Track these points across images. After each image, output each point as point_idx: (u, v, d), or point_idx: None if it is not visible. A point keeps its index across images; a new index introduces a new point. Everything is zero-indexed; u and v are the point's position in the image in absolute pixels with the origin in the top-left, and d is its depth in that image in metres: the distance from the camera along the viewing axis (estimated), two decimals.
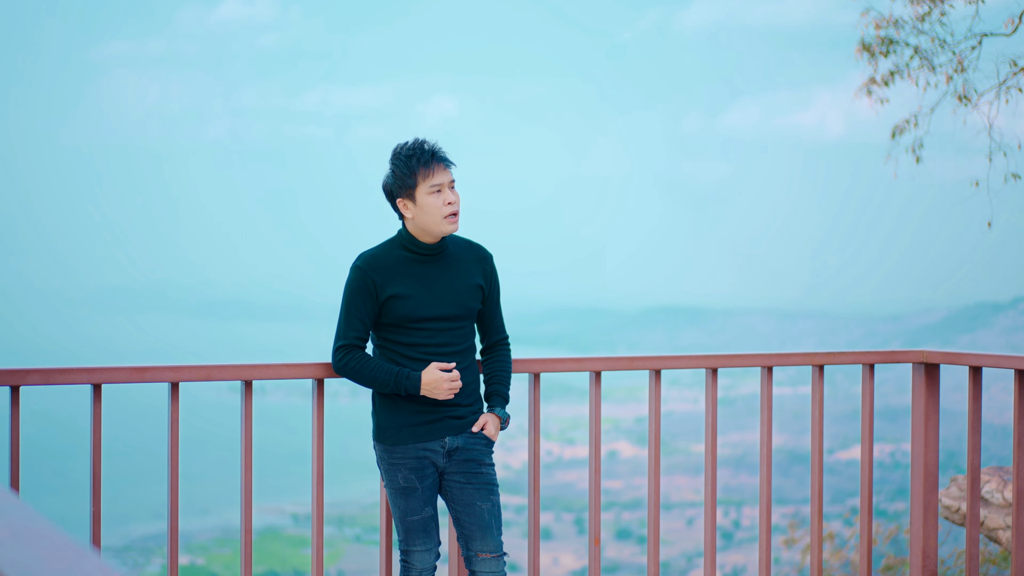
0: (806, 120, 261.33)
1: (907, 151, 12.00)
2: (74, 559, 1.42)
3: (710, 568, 5.25)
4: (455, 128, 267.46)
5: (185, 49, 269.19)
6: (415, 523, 4.58)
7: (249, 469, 4.64)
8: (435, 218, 4.49)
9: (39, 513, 1.58)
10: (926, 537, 5.42)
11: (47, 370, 4.37)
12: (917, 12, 11.65)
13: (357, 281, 4.53)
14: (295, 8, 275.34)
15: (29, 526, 1.55)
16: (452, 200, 4.49)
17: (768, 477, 5.25)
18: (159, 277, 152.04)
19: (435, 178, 4.48)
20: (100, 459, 4.42)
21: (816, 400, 5.30)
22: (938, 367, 5.41)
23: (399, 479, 4.57)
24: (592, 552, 5.10)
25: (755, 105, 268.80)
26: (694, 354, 5.03)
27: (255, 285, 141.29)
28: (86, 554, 1.45)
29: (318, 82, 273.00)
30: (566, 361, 5.16)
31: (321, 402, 4.81)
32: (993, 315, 78.54)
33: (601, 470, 5.08)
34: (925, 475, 5.39)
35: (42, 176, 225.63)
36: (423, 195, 4.48)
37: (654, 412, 5.09)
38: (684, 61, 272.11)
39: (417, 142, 4.54)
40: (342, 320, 4.54)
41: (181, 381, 4.53)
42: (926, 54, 11.67)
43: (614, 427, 57.12)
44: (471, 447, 4.63)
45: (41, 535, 1.52)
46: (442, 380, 4.45)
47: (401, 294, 4.50)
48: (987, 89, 11.49)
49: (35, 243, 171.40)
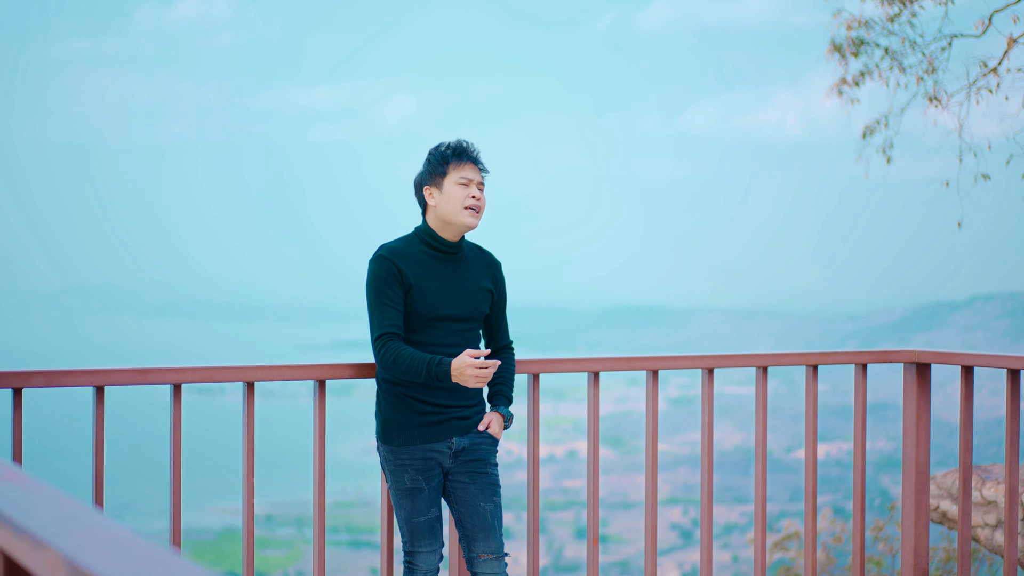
0: (765, 120, 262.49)
1: (878, 151, 12.07)
2: (168, 565, 1.41)
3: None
4: (414, 128, 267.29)
5: (143, 48, 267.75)
6: (421, 524, 4.57)
7: (251, 471, 4.61)
8: (456, 207, 4.55)
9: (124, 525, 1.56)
10: (917, 536, 5.45)
11: (50, 372, 4.34)
12: (887, 13, 11.72)
13: (383, 269, 4.52)
14: (253, 7, 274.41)
15: (119, 538, 1.53)
16: (476, 195, 4.58)
17: (763, 477, 5.27)
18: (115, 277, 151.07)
19: (465, 171, 4.59)
20: (103, 460, 4.39)
21: (810, 399, 5.34)
22: (929, 367, 5.44)
23: (406, 480, 4.56)
24: (591, 553, 5.11)
25: (713, 105, 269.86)
26: (691, 354, 5.06)
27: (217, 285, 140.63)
28: (180, 560, 1.44)
29: (276, 81, 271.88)
30: (565, 362, 5.18)
31: (323, 403, 4.79)
32: (949, 314, 79.20)
33: (599, 470, 5.09)
34: (916, 474, 5.42)
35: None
36: (450, 184, 4.57)
37: (651, 412, 5.11)
38: (642, 61, 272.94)
39: (458, 140, 4.66)
40: (374, 311, 4.51)
41: (184, 383, 4.51)
42: (896, 55, 11.74)
43: (574, 426, 57.22)
44: (477, 447, 4.64)
45: (132, 545, 1.51)
46: (466, 366, 4.41)
47: (421, 289, 4.51)
48: (957, 90, 11.57)
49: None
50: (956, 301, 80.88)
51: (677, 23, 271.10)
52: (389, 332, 4.48)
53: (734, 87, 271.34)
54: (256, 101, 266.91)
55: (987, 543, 7.18)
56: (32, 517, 1.65)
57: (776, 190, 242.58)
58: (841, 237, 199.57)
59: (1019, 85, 11.20)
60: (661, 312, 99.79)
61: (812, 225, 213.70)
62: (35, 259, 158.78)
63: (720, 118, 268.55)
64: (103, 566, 1.42)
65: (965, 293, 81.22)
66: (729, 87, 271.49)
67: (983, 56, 11.41)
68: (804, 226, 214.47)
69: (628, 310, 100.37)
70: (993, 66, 11.32)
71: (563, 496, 51.54)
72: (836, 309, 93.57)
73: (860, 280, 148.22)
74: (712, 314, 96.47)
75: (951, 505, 7.31)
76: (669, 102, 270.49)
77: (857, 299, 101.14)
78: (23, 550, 1.61)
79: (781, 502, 43.03)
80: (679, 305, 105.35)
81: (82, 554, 1.46)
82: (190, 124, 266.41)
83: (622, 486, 52.50)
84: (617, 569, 41.49)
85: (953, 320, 77.53)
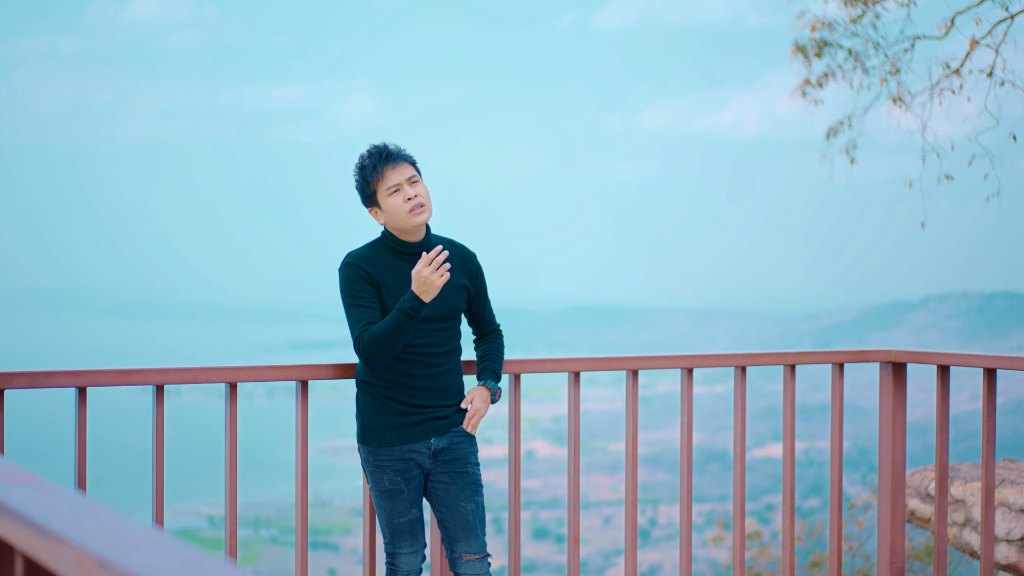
0: (723, 120, 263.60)
1: (841, 152, 12.13)
2: (195, 561, 1.41)
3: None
4: (375, 129, 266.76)
5: (99, 47, 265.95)
6: (402, 525, 4.56)
7: (234, 471, 4.59)
8: (401, 215, 4.52)
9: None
10: (893, 535, 5.49)
11: (32, 373, 4.32)
12: (850, 15, 11.78)
13: (351, 274, 4.52)
14: (211, 6, 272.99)
15: (145, 536, 1.53)
16: (411, 195, 4.53)
17: (742, 476, 5.29)
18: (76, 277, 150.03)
19: (388, 180, 4.53)
20: (85, 461, 4.36)
21: (788, 399, 5.36)
22: (905, 366, 5.48)
23: (385, 481, 4.56)
24: (571, 552, 5.12)
25: (672, 105, 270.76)
26: (670, 354, 5.08)
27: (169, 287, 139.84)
28: (207, 557, 1.43)
29: (235, 80, 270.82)
30: (546, 362, 5.18)
31: (305, 404, 4.77)
32: (904, 314, 79.79)
33: (579, 469, 5.10)
34: (893, 473, 5.46)
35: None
36: (383, 198, 4.54)
37: (631, 412, 5.12)
38: (601, 61, 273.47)
39: (365, 152, 4.60)
40: (351, 313, 4.50)
41: (166, 384, 4.49)
42: (860, 56, 11.80)
43: (531, 426, 57.26)
44: (456, 447, 4.63)
45: (159, 543, 1.50)
46: (420, 275, 4.34)
47: (392, 293, 4.51)
48: (920, 91, 11.64)
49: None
50: (911, 301, 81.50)
51: (635, 24, 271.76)
52: (364, 329, 4.48)
53: (693, 87, 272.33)
54: (213, 100, 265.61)
55: (955, 541, 7.22)
56: (53, 517, 1.64)
57: (735, 190, 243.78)
58: (802, 237, 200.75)
59: (981, 87, 11.28)
60: (620, 312, 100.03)
61: (771, 225, 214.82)
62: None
63: (679, 118, 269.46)
64: (135, 563, 1.41)
65: (920, 293, 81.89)
66: (689, 87, 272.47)
67: (945, 57, 11.49)
68: (763, 227, 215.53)
69: (587, 310, 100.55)
70: (955, 67, 11.40)
71: (521, 496, 51.50)
72: (791, 309, 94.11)
73: (818, 280, 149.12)
74: (670, 314, 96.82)
75: (919, 504, 7.35)
76: (628, 102, 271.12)
77: (813, 299, 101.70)
78: (46, 550, 1.60)
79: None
80: (638, 305, 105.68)
81: (113, 552, 1.45)
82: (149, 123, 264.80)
83: (580, 486, 52.65)
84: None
85: (908, 320, 78.13)
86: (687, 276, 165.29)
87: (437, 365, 4.58)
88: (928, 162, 11.67)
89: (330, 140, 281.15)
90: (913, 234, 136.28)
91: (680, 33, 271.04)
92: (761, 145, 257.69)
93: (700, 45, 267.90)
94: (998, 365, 5.09)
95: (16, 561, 1.76)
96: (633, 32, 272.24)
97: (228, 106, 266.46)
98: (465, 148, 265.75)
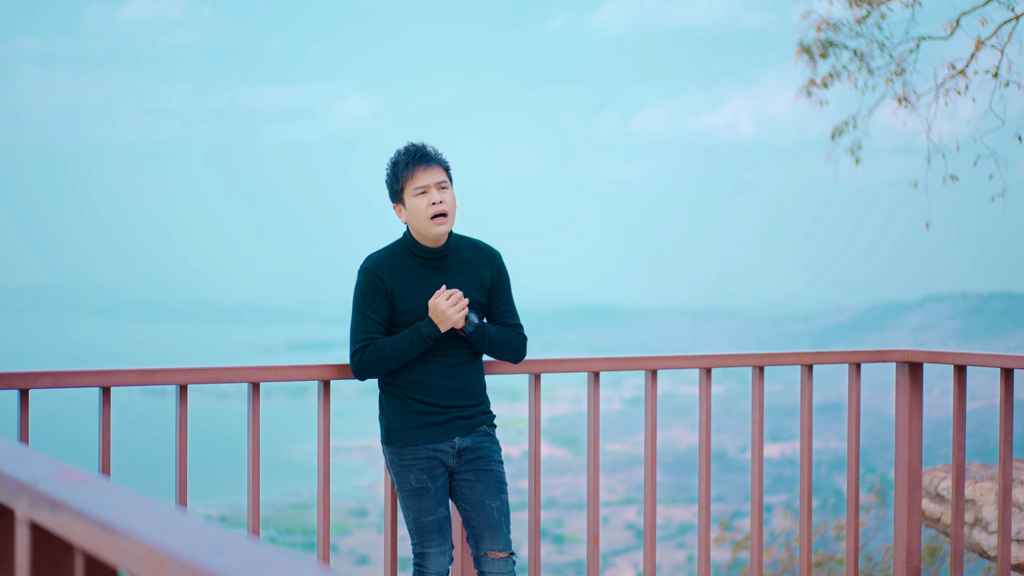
0: (719, 121, 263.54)
1: (846, 152, 12.13)
2: (268, 560, 1.41)
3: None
4: (370, 129, 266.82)
5: (94, 47, 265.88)
6: (430, 524, 4.56)
7: (257, 472, 4.59)
8: (422, 219, 4.52)
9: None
10: (910, 535, 5.49)
11: (57, 373, 4.33)
12: (855, 15, 11.78)
13: (367, 283, 4.53)
14: (206, 8, 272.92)
15: (216, 535, 1.52)
16: (436, 200, 4.51)
17: (759, 477, 5.30)
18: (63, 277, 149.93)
19: (417, 180, 4.53)
20: (109, 461, 4.36)
21: (805, 399, 5.37)
22: (922, 366, 5.48)
23: (411, 480, 4.56)
24: (591, 551, 5.13)
25: (668, 106, 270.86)
26: (689, 354, 5.10)
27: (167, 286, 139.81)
28: (281, 555, 1.43)
29: (229, 81, 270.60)
30: (566, 362, 5.19)
31: (327, 404, 4.77)
32: (901, 314, 79.80)
33: (599, 469, 5.10)
34: (909, 473, 5.47)
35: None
36: (410, 197, 4.54)
37: (650, 411, 5.13)
38: (595, 62, 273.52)
39: (402, 149, 4.60)
40: (356, 322, 4.53)
41: (190, 383, 4.49)
42: (864, 57, 11.80)
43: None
44: (480, 446, 4.64)
45: (229, 542, 1.50)
46: (438, 307, 4.44)
47: (407, 299, 4.52)
48: (925, 91, 11.64)
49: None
50: (909, 301, 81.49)
51: (628, 24, 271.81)
52: (368, 343, 4.51)
53: (688, 88, 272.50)
54: (208, 100, 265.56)
55: (964, 540, 7.24)
56: (117, 514, 1.63)
57: (732, 191, 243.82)
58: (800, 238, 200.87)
59: (986, 87, 11.28)
60: (615, 313, 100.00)
61: (769, 227, 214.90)
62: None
63: (674, 119, 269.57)
64: (213, 562, 1.41)
65: (918, 293, 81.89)
66: (683, 88, 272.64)
67: (951, 58, 11.49)
68: (760, 228, 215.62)
69: (582, 311, 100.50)
70: (961, 68, 11.40)
71: (519, 496, 51.59)
72: (787, 310, 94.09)
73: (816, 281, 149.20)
74: (664, 315, 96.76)
75: (928, 503, 7.36)
76: (623, 103, 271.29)
77: (810, 300, 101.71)
78: (110, 547, 1.59)
79: (735, 501, 43.22)
80: (633, 306, 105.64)
81: (191, 552, 1.45)
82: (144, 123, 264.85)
83: (577, 487, 52.63)
84: (572, 569, 41.54)
85: (905, 320, 78.11)
86: (681, 277, 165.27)
87: (459, 365, 4.59)
88: (933, 162, 11.67)
89: (325, 140, 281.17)
90: (914, 235, 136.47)
91: (674, 34, 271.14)
92: (758, 146, 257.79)
93: (695, 46, 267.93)
94: (1015, 365, 5.10)
95: (76, 559, 1.75)
96: (627, 33, 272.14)
97: (223, 106, 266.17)
98: (460, 149, 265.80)
